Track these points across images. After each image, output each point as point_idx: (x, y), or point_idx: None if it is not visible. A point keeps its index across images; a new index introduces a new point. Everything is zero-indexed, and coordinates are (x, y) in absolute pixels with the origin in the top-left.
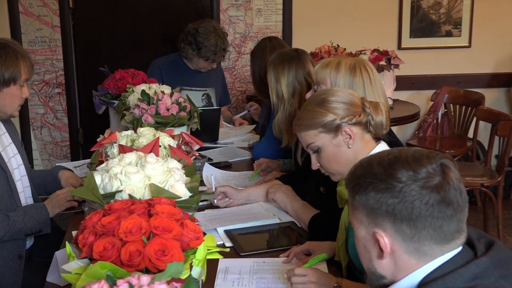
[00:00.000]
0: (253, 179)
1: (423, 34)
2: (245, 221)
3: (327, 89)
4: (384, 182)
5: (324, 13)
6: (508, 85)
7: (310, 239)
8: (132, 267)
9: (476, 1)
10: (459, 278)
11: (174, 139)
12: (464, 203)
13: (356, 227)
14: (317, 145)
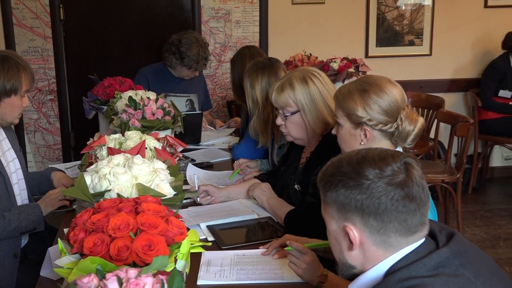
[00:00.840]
0: (233, 178)
1: (388, 43)
2: (226, 217)
3: (380, 82)
4: (353, 179)
5: (298, 24)
6: (466, 89)
7: (286, 233)
8: (121, 261)
9: (436, 13)
10: (423, 267)
11: (159, 142)
12: (426, 198)
13: (328, 221)
14: (340, 123)
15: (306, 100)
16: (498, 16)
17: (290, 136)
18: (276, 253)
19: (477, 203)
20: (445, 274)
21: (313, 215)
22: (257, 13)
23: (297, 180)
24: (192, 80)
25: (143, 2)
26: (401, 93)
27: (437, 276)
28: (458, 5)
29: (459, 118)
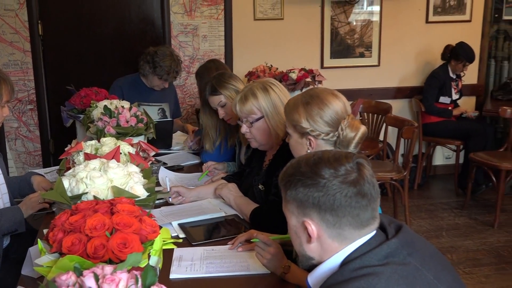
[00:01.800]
0: (202, 179)
1: (341, 55)
2: (196, 215)
3: (322, 96)
4: (311, 179)
5: (259, 38)
6: (410, 96)
7: (251, 229)
8: (97, 259)
9: (383, 28)
10: (374, 257)
11: (133, 147)
12: (376, 195)
13: (289, 217)
14: (289, 132)
15: (268, 106)
16: (437, 30)
17: (255, 142)
18: (241, 246)
19: (422, 198)
20: (394, 263)
21: (275, 212)
22: (222, 28)
23: (261, 181)
24: (164, 90)
25: (117, 19)
26: (342, 104)
27: (387, 264)
28: (402, 21)
29: (405, 122)
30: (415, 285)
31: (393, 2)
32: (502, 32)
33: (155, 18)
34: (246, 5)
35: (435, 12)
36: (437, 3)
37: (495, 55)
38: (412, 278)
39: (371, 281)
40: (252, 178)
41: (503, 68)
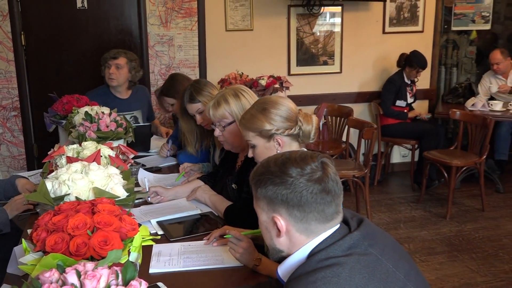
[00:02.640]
0: (179, 180)
1: (306, 63)
2: (174, 213)
3: (272, 99)
4: (279, 177)
5: (231, 48)
6: (370, 100)
7: (225, 225)
8: (79, 256)
9: (344, 38)
10: (338, 248)
11: (113, 150)
12: (339, 191)
13: (259, 213)
14: (253, 143)
15: (239, 111)
16: (393, 40)
17: (228, 145)
18: (216, 241)
19: (381, 193)
20: (357, 254)
21: (248, 209)
22: (196, 38)
23: (234, 181)
24: (135, 98)
25: (96, 30)
26: (292, 103)
27: (350, 255)
28: (361, 31)
29: (365, 124)
30: (375, 273)
31: (353, 15)
32: (451, 41)
33: (133, 29)
34: (218, 17)
35: (391, 24)
36: (392, 15)
37: (445, 63)
38: (373, 267)
39: (335, 271)
40: (226, 178)
41: (452, 74)
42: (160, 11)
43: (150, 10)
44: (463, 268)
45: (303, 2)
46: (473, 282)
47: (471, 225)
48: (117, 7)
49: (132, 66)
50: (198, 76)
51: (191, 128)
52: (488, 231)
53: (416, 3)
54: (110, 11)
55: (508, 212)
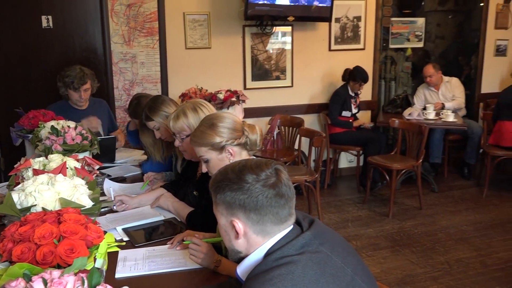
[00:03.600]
0: (144, 188)
1: (261, 78)
2: (138, 220)
3: (217, 115)
4: (236, 183)
5: (191, 64)
6: (318, 111)
7: (188, 229)
8: (46, 264)
9: (294, 55)
10: (292, 248)
11: (79, 162)
12: (292, 195)
13: (219, 217)
14: (206, 158)
15: (197, 124)
16: (338, 57)
17: (188, 154)
18: (179, 245)
19: (331, 196)
20: (309, 252)
21: (208, 214)
22: (157, 56)
23: (195, 188)
24: (93, 109)
25: (61, 47)
26: (235, 116)
27: (303, 253)
28: (309, 49)
29: (315, 133)
30: (326, 269)
31: (302, 34)
32: (389, 58)
33: (97, 47)
34: (178, 36)
35: (336, 42)
36: (337, 35)
37: (384, 77)
38: (323, 263)
39: (290, 268)
40: (187, 186)
41: (391, 87)
42: (123, 30)
43: (114, 29)
44: (405, 261)
45: (257, 22)
46: (413, 273)
47: (410, 222)
48: (81, 26)
49: (94, 83)
50: (160, 91)
51: (153, 141)
52: (426, 227)
53: (358, 23)
54: (75, 30)
55: (442, 210)
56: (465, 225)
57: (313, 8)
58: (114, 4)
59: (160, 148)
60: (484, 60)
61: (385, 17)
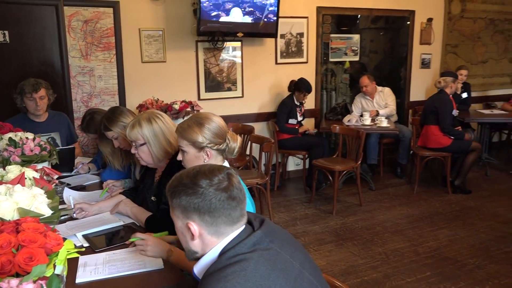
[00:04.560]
0: (103, 196)
1: (214, 89)
2: (98, 226)
3: (208, 116)
4: (191, 188)
5: (147, 77)
6: (267, 119)
7: (147, 232)
8: (4, 274)
9: (244, 68)
10: (244, 246)
11: (38, 172)
12: (243, 197)
13: (175, 220)
14: (185, 150)
15: (150, 135)
16: (284, 69)
17: (143, 161)
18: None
19: (280, 196)
20: (260, 249)
21: (166, 218)
22: (115, 69)
23: (153, 193)
24: (52, 121)
25: (19, 62)
26: (223, 122)
27: (254, 251)
28: (258, 62)
29: (265, 139)
30: (276, 264)
31: (250, 48)
32: (330, 70)
33: (55, 61)
34: (135, 51)
35: (281, 56)
36: (283, 49)
37: (325, 87)
38: (274, 259)
39: (242, 265)
40: (146, 192)
41: (331, 97)
42: (80, 45)
43: (71, 44)
44: (348, 253)
45: (209, 38)
46: (355, 264)
47: (352, 217)
48: (39, 41)
49: (50, 93)
50: (118, 103)
51: (112, 150)
52: (365, 221)
53: (301, 39)
54: (32, 45)
55: (379, 206)
56: (399, 219)
57: (261, 25)
58: (71, 20)
59: (119, 156)
60: (411, 72)
61: (325, 33)
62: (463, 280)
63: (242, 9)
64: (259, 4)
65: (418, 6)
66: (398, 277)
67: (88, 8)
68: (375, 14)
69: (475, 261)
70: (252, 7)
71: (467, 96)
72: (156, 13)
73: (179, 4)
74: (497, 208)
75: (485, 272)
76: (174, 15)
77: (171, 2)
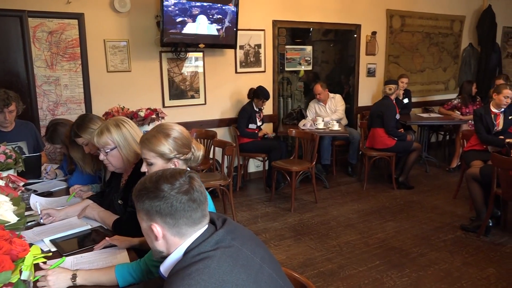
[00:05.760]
0: (69, 200)
1: (178, 97)
2: (66, 231)
3: (174, 127)
4: (153, 192)
5: (113, 86)
6: (229, 125)
7: (114, 235)
8: None
9: (206, 77)
10: (207, 245)
11: (3, 180)
12: (204, 199)
13: (141, 223)
14: (152, 162)
15: (120, 139)
16: (243, 78)
17: (112, 166)
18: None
19: (243, 196)
20: (222, 247)
21: (132, 220)
22: (80, 79)
23: (120, 197)
24: (19, 130)
25: None
26: (187, 132)
27: (217, 249)
28: (219, 72)
29: (227, 143)
30: (238, 260)
31: (212, 59)
32: (286, 79)
33: (20, 71)
34: (100, 61)
35: (241, 66)
36: (242, 59)
37: (282, 94)
38: (235, 256)
39: (206, 263)
40: (112, 195)
41: (288, 103)
42: (45, 55)
43: (36, 54)
44: (305, 247)
45: (172, 49)
46: (312, 257)
47: (308, 214)
48: (3, 52)
49: (20, 105)
50: (84, 111)
51: (83, 155)
52: (321, 217)
53: (258, 50)
54: None
55: (333, 202)
56: (351, 214)
57: (221, 37)
58: (36, 31)
59: (90, 161)
60: (359, 80)
61: (281, 45)
62: (408, 267)
63: (209, 16)
64: (227, 10)
65: (363, 20)
66: (351, 267)
67: (53, 20)
68: (326, 28)
69: (418, 249)
70: (220, 14)
71: (408, 102)
72: (120, 25)
73: (143, 17)
74: (436, 201)
75: (427, 259)
76: (138, 26)
77: (135, 15)
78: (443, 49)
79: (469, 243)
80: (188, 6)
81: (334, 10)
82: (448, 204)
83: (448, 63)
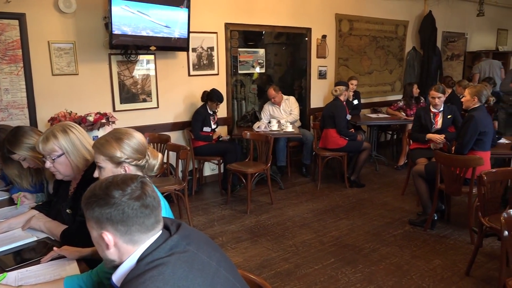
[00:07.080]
0: (19, 206)
1: (129, 101)
2: (9, 244)
3: (129, 132)
4: (103, 199)
5: (58, 90)
6: (183, 128)
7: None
8: None
9: (159, 80)
10: (161, 251)
11: None
12: (157, 204)
13: (91, 231)
14: (102, 166)
15: (68, 145)
16: (197, 81)
17: (60, 174)
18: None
19: (198, 200)
20: (177, 252)
21: (83, 229)
22: (23, 82)
23: (69, 206)
24: None
25: None
26: (143, 138)
27: (172, 255)
28: (172, 74)
29: (181, 147)
30: (194, 265)
31: (164, 61)
32: (239, 81)
33: None
34: (44, 63)
35: (194, 68)
36: (195, 62)
37: (236, 97)
38: (191, 261)
39: (160, 269)
40: (60, 205)
41: (242, 106)
42: None
43: None
44: (262, 249)
45: (122, 51)
46: (269, 257)
47: (265, 215)
48: None
49: None
50: (27, 116)
51: (19, 172)
52: (277, 218)
53: (211, 53)
54: None
55: (288, 203)
56: (306, 213)
57: (173, 39)
58: None
59: (27, 176)
60: (311, 82)
61: (233, 48)
62: (361, 263)
63: (154, 29)
64: (178, 12)
65: (314, 24)
66: (307, 266)
67: None
68: (278, 31)
69: (370, 245)
70: (168, 26)
71: (358, 103)
72: (66, 26)
73: (90, 18)
74: (385, 198)
75: (379, 254)
76: (85, 28)
77: (81, 16)
78: (389, 52)
79: (417, 236)
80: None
81: (286, 13)
82: (397, 200)
83: (393, 65)
